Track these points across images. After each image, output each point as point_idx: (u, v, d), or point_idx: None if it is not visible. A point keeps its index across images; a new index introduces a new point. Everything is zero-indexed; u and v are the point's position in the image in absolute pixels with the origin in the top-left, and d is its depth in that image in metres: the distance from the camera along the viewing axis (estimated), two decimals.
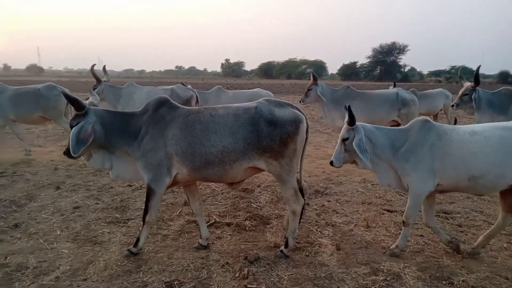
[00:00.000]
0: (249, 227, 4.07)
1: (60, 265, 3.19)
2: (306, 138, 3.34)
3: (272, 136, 3.12)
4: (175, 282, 2.95)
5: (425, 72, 79.59)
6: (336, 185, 5.54)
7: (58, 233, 3.81)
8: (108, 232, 3.89)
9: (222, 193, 5.22)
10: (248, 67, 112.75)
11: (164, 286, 2.91)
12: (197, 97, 7.50)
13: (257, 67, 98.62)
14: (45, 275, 3.02)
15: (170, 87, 7.66)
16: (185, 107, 3.50)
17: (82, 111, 3.22)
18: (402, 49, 73.82)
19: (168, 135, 3.22)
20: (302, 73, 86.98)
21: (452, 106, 5.87)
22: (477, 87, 5.50)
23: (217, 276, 3.07)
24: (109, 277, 3.02)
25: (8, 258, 3.26)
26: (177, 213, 4.45)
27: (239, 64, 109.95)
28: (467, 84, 5.58)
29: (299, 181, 3.41)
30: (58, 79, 47.13)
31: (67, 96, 3.29)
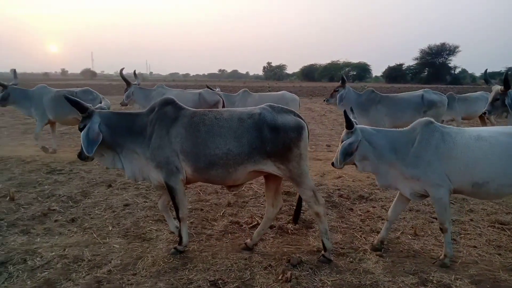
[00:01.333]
0: (292, 230, 4.06)
1: (112, 259, 3.36)
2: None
3: (275, 142, 3.17)
4: (219, 281, 3.01)
5: (477, 74, 75.14)
6: (382, 191, 5.38)
7: (110, 229, 4.02)
8: (156, 230, 4.04)
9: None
10: (290, 70, 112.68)
11: (208, 284, 2.98)
12: (223, 101, 7.66)
13: (298, 69, 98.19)
14: (99, 268, 3.20)
15: (198, 91, 7.89)
16: (190, 108, 3.56)
17: (85, 113, 3.35)
18: (452, 50, 70.21)
19: (173, 133, 3.30)
20: (345, 76, 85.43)
21: (484, 113, 5.47)
22: (509, 91, 5.09)
23: (260, 277, 3.10)
24: (156, 273, 3.15)
25: (66, 250, 3.50)
26: (221, 214, 4.53)
27: (281, 67, 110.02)
28: (497, 88, 5.18)
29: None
30: (109, 82, 49.76)
31: (68, 99, 3.38)
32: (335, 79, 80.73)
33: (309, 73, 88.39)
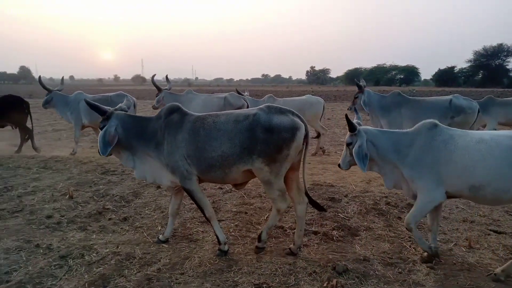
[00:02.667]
0: (337, 237, 3.99)
1: (161, 258, 3.50)
2: (307, 144, 3.44)
3: (267, 142, 3.21)
4: (264, 285, 3.03)
5: None
6: None
7: (159, 228, 4.19)
8: (202, 231, 4.15)
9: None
10: (334, 74, 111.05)
11: (253, 287, 3.01)
12: (248, 105, 7.77)
13: (343, 73, 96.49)
14: (149, 266, 3.34)
15: (223, 95, 8.05)
16: (194, 113, 3.63)
17: (104, 116, 3.56)
18: (511, 51, 65.62)
19: (179, 139, 3.43)
20: (392, 79, 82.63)
21: None
22: None
23: (305, 283, 3.07)
24: (203, 273, 3.23)
25: (119, 247, 3.69)
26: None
27: (324, 71, 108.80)
28: None
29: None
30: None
31: (88, 104, 3.60)
32: (381, 83, 78.49)
33: (354, 77, 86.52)
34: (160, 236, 3.87)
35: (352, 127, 3.39)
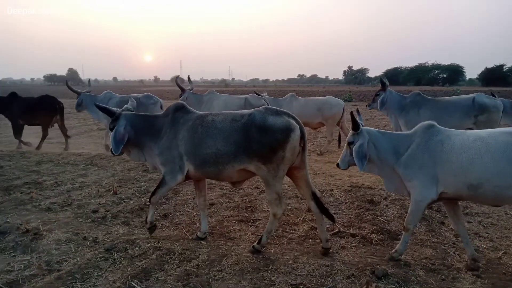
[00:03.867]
0: (376, 240, 3.90)
1: (200, 254, 3.58)
2: (305, 146, 3.49)
3: (261, 142, 3.30)
4: (301, 286, 3.02)
5: None
6: (479, 205, 4.89)
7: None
8: (239, 230, 4.20)
9: (346, 203, 5.12)
10: (372, 73, 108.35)
11: (290, 287, 3.01)
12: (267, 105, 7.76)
13: (382, 73, 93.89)
14: (188, 262, 3.43)
15: (244, 96, 8.15)
16: (197, 112, 3.81)
17: (113, 117, 3.80)
18: None
19: (179, 137, 3.62)
20: (434, 79, 79.34)
21: None
22: None
23: (342, 286, 3.03)
24: (240, 271, 3.27)
25: (160, 242, 3.81)
26: (301, 218, 4.54)
27: (362, 71, 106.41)
28: None
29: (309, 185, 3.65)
30: (196, 88, 52.88)
31: (98, 106, 3.95)
32: (422, 82, 75.58)
33: (393, 76, 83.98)
34: (198, 233, 3.97)
35: (356, 126, 3.41)
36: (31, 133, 9.89)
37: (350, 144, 3.48)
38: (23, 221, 4.23)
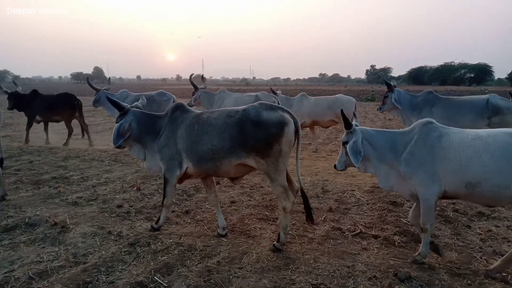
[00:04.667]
0: (399, 242, 3.84)
1: (221, 251, 3.61)
2: (298, 141, 3.55)
3: (256, 137, 3.36)
4: (322, 286, 3.00)
5: None
6: (508, 209, 4.73)
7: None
8: (260, 228, 4.22)
9: (368, 204, 5.06)
10: (396, 72, 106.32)
11: (311, 287, 3.00)
12: (279, 103, 7.76)
13: (406, 72, 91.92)
14: (209, 258, 3.47)
15: (254, 94, 8.24)
16: (195, 110, 3.92)
17: (122, 111, 3.96)
18: None
19: (178, 135, 3.74)
20: (460, 79, 77.07)
21: None
22: None
23: None
24: (261, 269, 3.28)
25: (182, 238, 3.87)
26: (322, 218, 4.51)
27: (386, 70, 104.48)
28: None
29: (290, 181, 3.74)
30: (217, 87, 53.29)
31: (109, 100, 4.08)
32: (448, 82, 73.56)
33: (418, 76, 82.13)
34: (219, 230, 4.02)
35: (348, 125, 3.45)
36: (55, 130, 10.23)
37: (345, 143, 3.51)
38: (52, 214, 4.39)
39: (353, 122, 3.58)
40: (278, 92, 8.90)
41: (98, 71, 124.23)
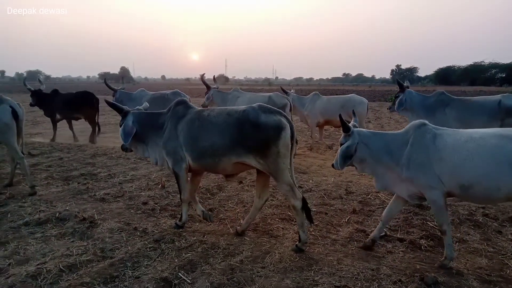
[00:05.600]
0: (425, 246, 3.75)
1: (243, 250, 3.63)
2: (293, 145, 3.63)
3: (254, 138, 3.48)
4: None
5: None
6: None
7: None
8: (282, 228, 4.21)
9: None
10: (422, 72, 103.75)
11: None
12: (291, 105, 7.98)
13: (433, 72, 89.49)
14: (232, 257, 3.49)
15: (268, 94, 8.24)
16: (196, 107, 4.05)
17: (121, 113, 4.13)
18: None
19: (179, 129, 3.87)
20: (491, 79, 74.33)
21: None
22: None
23: None
24: (283, 269, 3.27)
25: (205, 236, 3.92)
26: (346, 220, 4.46)
27: (412, 70, 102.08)
28: None
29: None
30: (240, 86, 53.51)
31: (107, 103, 4.30)
32: (477, 82, 71.10)
33: (446, 76, 79.69)
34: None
35: (346, 128, 3.48)
36: (81, 129, 10.53)
37: (342, 145, 3.56)
38: (80, 210, 4.54)
39: (352, 122, 3.65)
40: (291, 91, 8.97)
41: (124, 71, 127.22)
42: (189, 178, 4.18)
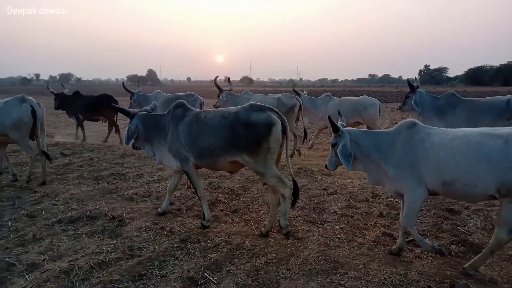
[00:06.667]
0: (456, 252, 3.63)
1: (268, 252, 3.63)
2: (286, 139, 3.80)
3: (247, 136, 3.64)
4: None
5: None
6: None
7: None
8: (307, 230, 4.18)
9: (422, 210, 4.82)
10: (452, 73, 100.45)
11: None
12: (301, 105, 8.07)
13: (463, 72, 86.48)
14: (257, 258, 3.50)
15: (277, 95, 8.30)
16: (195, 109, 4.25)
17: (129, 116, 4.43)
18: None
19: (179, 130, 4.08)
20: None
21: None
22: None
23: None
24: (308, 272, 3.25)
25: (230, 237, 3.95)
26: (372, 223, 4.38)
27: (441, 70, 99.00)
28: None
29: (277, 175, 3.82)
30: (263, 88, 53.62)
31: (115, 108, 4.86)
32: (511, 82, 68.10)
33: (477, 76, 76.81)
34: (159, 209, 4.58)
35: (335, 128, 3.54)
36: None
37: (334, 146, 3.62)
38: (110, 209, 4.68)
39: (339, 122, 3.70)
40: (303, 93, 9.01)
41: (151, 73, 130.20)
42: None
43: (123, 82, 10.58)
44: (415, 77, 6.80)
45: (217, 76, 9.20)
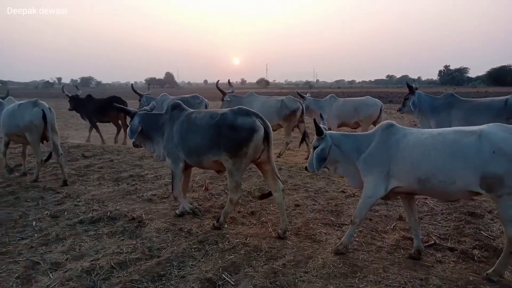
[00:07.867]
0: (479, 257, 3.54)
1: (286, 254, 3.63)
2: (269, 144, 3.96)
3: (229, 138, 3.84)
4: None
5: None
6: None
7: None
8: (325, 233, 4.16)
9: (442, 213, 4.73)
10: (473, 73, 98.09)
11: None
12: (303, 108, 8.15)
13: (485, 72, 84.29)
14: (275, 260, 3.50)
15: (281, 98, 8.39)
16: (189, 109, 4.48)
17: (130, 115, 4.67)
18: None
19: (174, 130, 4.32)
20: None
21: None
22: None
23: None
24: (327, 275, 3.23)
25: (248, 239, 3.96)
26: (391, 227, 4.32)
27: (461, 71, 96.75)
28: None
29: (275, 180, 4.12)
30: (279, 90, 53.59)
31: (116, 107, 5.03)
32: None
33: (500, 76, 74.69)
34: (177, 211, 4.64)
35: (319, 131, 3.60)
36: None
37: (315, 148, 3.65)
38: (130, 210, 4.76)
39: (321, 125, 3.73)
40: (307, 95, 9.09)
41: (169, 76, 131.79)
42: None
43: (132, 85, 10.96)
44: (414, 79, 6.87)
45: (219, 80, 9.43)
